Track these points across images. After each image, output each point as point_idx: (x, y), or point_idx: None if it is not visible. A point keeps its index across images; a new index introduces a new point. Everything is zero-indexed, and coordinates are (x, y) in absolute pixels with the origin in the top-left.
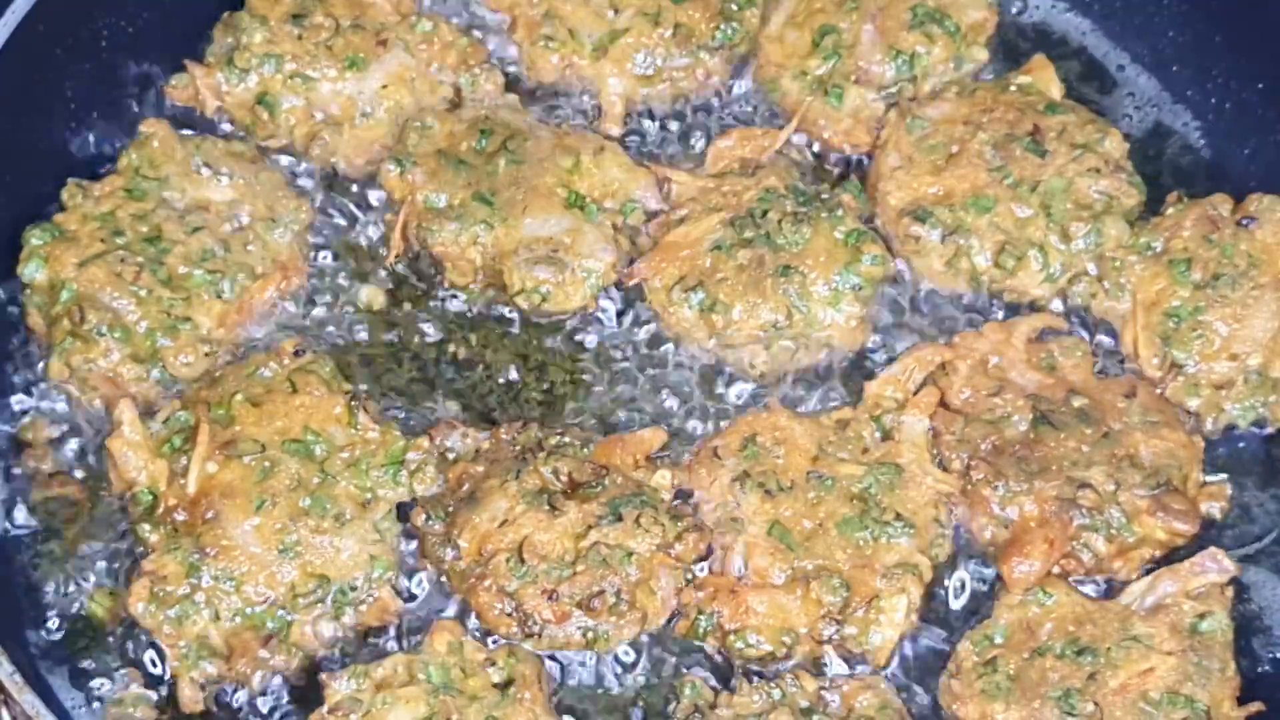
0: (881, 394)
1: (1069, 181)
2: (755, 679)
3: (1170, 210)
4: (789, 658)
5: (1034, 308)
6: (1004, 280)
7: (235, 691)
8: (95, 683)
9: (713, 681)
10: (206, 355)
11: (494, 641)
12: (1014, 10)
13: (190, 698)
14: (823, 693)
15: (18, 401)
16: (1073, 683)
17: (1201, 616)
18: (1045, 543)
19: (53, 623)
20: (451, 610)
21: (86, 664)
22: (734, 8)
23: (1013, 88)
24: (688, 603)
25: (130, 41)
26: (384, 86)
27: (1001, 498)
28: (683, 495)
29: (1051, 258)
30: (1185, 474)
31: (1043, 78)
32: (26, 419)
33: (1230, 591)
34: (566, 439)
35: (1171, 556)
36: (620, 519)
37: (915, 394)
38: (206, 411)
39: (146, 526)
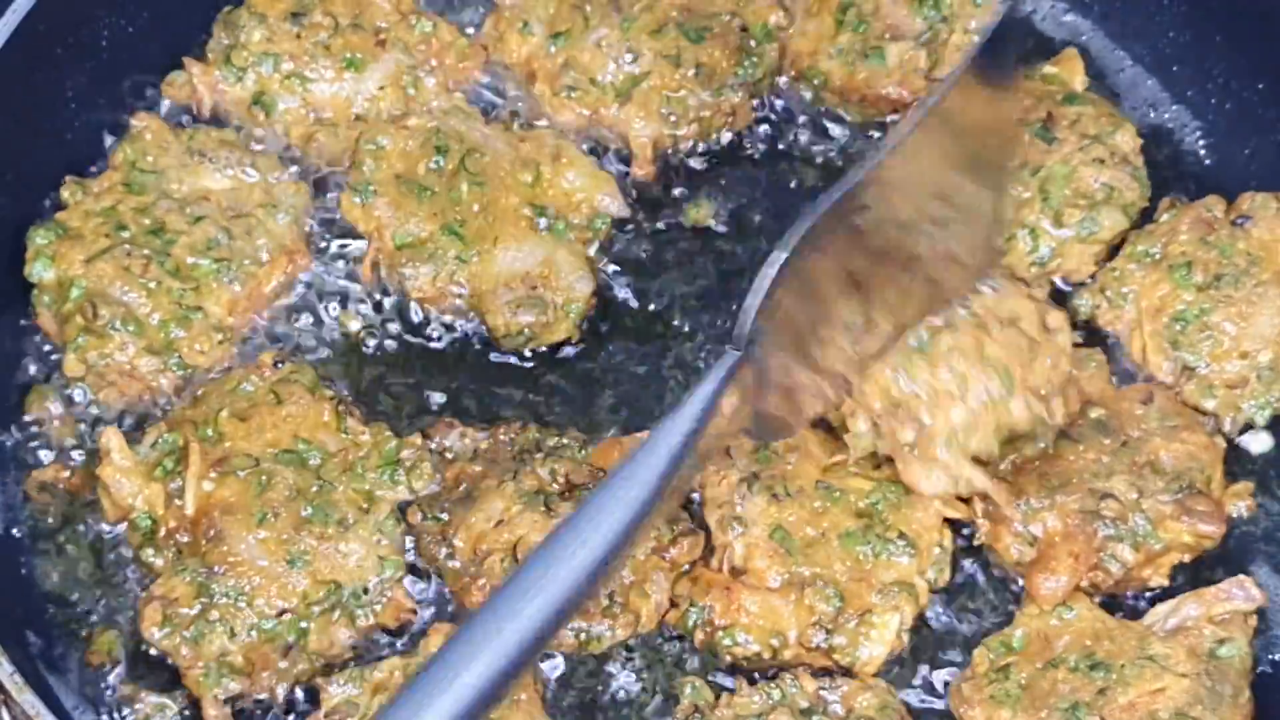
0: None
1: (1072, 169)
2: (755, 679)
3: (1165, 216)
4: (775, 659)
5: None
6: None
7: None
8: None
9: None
10: (221, 344)
11: None
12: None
13: (216, 717)
14: (822, 693)
15: (18, 403)
16: (1082, 696)
17: (1221, 642)
18: (1071, 557)
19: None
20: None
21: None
22: (753, 43)
23: (1036, 75)
24: (680, 593)
25: (130, 41)
26: (381, 89)
27: (1024, 515)
28: None
29: (1041, 241)
30: (1208, 475)
31: (1069, 69)
32: (25, 419)
33: (1254, 620)
34: (565, 440)
35: (1200, 561)
36: None
37: None
38: (193, 431)
39: (150, 551)
